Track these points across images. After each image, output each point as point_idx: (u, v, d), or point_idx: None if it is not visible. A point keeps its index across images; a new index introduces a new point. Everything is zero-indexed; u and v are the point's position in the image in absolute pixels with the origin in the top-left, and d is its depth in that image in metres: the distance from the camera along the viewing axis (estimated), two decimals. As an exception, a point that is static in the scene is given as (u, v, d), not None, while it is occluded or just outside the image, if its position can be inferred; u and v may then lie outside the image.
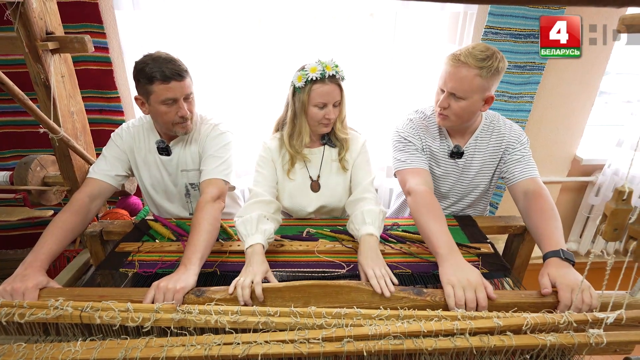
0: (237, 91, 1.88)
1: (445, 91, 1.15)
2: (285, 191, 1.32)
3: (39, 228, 1.96)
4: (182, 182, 1.36)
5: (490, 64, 1.07)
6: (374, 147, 1.52)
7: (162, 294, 0.85)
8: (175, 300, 0.84)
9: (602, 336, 0.73)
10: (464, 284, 0.84)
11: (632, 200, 0.64)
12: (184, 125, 1.22)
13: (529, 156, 1.25)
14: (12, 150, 1.86)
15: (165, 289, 0.85)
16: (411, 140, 1.28)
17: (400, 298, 0.86)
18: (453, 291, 0.83)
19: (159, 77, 1.11)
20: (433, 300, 0.86)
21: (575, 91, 1.96)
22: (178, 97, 1.15)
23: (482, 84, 1.10)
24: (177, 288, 0.85)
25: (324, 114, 1.20)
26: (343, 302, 0.86)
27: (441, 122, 1.23)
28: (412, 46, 1.81)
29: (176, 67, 1.13)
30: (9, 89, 1.14)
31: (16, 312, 0.77)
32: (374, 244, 1.03)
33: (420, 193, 1.13)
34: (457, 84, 1.11)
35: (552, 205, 1.09)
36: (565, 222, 2.39)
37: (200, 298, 0.87)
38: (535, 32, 1.72)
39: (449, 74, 1.13)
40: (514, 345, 0.73)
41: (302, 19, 1.76)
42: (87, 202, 1.18)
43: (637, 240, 0.64)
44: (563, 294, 0.83)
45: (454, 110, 1.16)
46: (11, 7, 1.14)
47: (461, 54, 1.09)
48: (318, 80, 1.16)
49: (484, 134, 1.28)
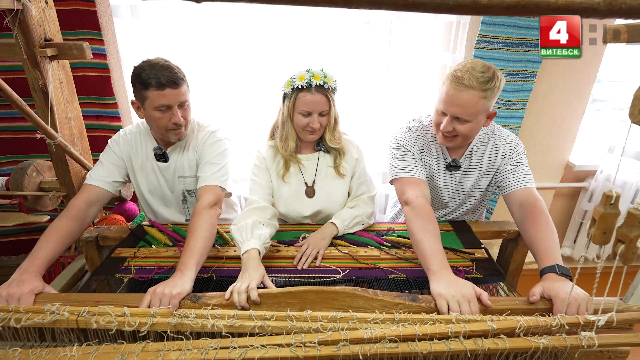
0: (234, 98, 1.90)
1: (448, 115, 1.10)
2: (281, 197, 1.34)
3: (34, 234, 1.94)
4: (179, 188, 1.36)
5: (493, 85, 1.05)
6: (369, 153, 1.53)
7: (158, 300, 0.85)
8: (172, 305, 0.84)
9: (593, 338, 0.74)
10: (458, 297, 0.84)
11: (621, 205, 0.66)
12: (178, 132, 1.23)
13: (525, 165, 1.23)
14: (9, 156, 1.86)
15: (162, 294, 0.86)
16: (410, 149, 1.25)
17: (396, 304, 0.86)
18: (447, 305, 0.84)
19: (153, 84, 1.12)
20: (428, 306, 0.87)
21: (567, 98, 2.00)
22: (172, 104, 1.16)
23: (486, 104, 1.08)
24: (174, 294, 0.86)
25: (308, 122, 1.22)
26: (338, 308, 0.87)
27: (446, 143, 1.19)
28: (407, 54, 1.83)
29: (172, 74, 1.13)
30: (7, 94, 1.15)
31: (12, 317, 0.77)
32: (328, 230, 1.24)
33: (418, 206, 1.11)
34: (462, 109, 1.07)
35: (547, 217, 1.08)
36: (559, 228, 2.41)
37: (196, 304, 0.87)
38: (527, 41, 1.76)
39: (451, 97, 1.07)
40: (507, 348, 0.74)
41: (299, 27, 1.78)
42: (84, 208, 1.19)
43: (625, 244, 0.66)
44: (557, 306, 0.83)
45: (461, 132, 1.12)
46: (10, 14, 1.15)
47: (464, 77, 1.04)
48: (304, 89, 1.19)
49: (480, 145, 1.27)
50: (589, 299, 0.83)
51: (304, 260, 1.13)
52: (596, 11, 0.54)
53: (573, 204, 2.34)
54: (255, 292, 0.88)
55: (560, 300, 0.83)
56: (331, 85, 1.20)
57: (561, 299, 0.83)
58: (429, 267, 0.95)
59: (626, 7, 0.52)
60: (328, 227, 1.26)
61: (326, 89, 1.20)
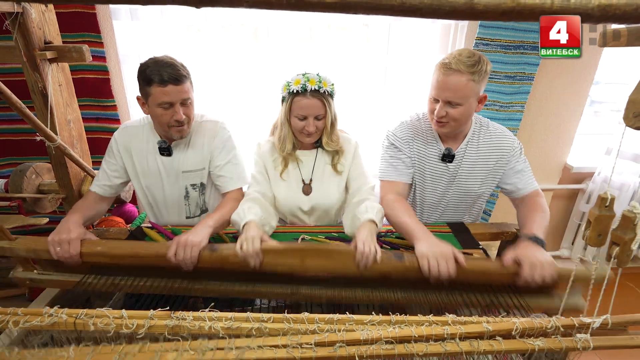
0: (234, 99, 1.91)
1: (440, 100, 1.17)
2: (278, 193, 1.34)
3: (34, 236, 1.94)
4: (182, 183, 1.36)
5: (480, 68, 1.12)
6: (368, 154, 1.54)
7: (182, 248, 0.97)
8: (193, 253, 0.97)
9: (588, 340, 0.75)
10: (437, 256, 0.95)
11: (620, 207, 0.66)
12: (180, 129, 1.24)
13: (528, 166, 1.31)
14: (8, 158, 1.87)
15: (185, 242, 0.98)
16: (398, 145, 1.32)
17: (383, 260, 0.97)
18: (428, 263, 0.94)
19: (156, 80, 1.13)
20: (411, 264, 0.97)
21: (564, 100, 2.01)
22: (174, 101, 1.17)
23: (475, 87, 1.15)
24: (196, 241, 0.99)
25: (304, 125, 1.23)
26: (334, 262, 0.99)
27: (440, 129, 1.25)
28: (405, 56, 1.85)
29: (175, 71, 1.15)
30: (6, 97, 1.15)
31: (10, 320, 0.77)
32: (372, 228, 1.06)
33: (391, 200, 1.24)
34: (453, 92, 1.14)
35: (543, 208, 1.20)
36: (558, 230, 2.42)
37: (214, 253, 0.99)
38: (525, 44, 1.77)
39: (441, 82, 1.15)
40: (503, 350, 0.75)
41: (298, 29, 1.79)
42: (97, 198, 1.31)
43: (620, 246, 0.66)
44: (524, 267, 0.93)
45: (453, 117, 1.19)
46: (10, 17, 1.16)
47: (451, 63, 1.12)
48: (300, 93, 1.20)
49: (474, 138, 1.31)
50: (553, 263, 0.93)
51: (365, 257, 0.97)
52: (590, 16, 0.54)
53: (571, 206, 2.35)
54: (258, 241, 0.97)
55: (527, 264, 0.93)
56: (327, 90, 1.21)
57: (528, 263, 0.93)
58: (413, 236, 1.06)
59: (620, 13, 0.53)
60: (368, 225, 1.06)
61: (322, 94, 1.20)
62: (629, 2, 0.50)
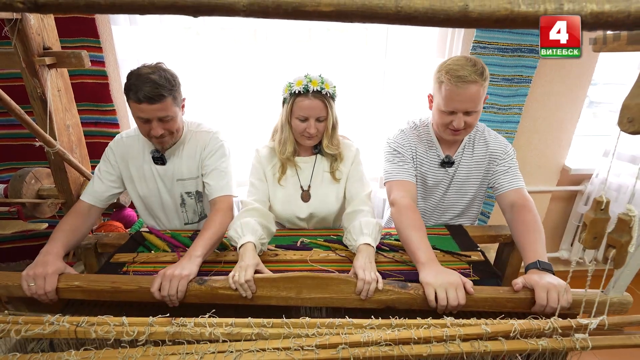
0: (233, 102, 1.91)
1: (458, 113, 1.17)
2: (276, 199, 1.34)
3: (33, 241, 1.95)
4: (178, 191, 1.37)
5: (486, 74, 1.15)
6: (367, 158, 1.55)
7: (168, 282, 0.91)
8: (180, 287, 0.91)
9: (587, 340, 0.75)
10: (446, 286, 0.90)
11: (618, 209, 0.67)
12: (160, 141, 1.24)
13: (516, 167, 1.30)
14: (7, 163, 1.87)
15: (172, 276, 0.92)
16: (401, 151, 1.32)
17: (386, 290, 0.92)
18: (434, 293, 0.89)
19: (131, 97, 1.12)
20: (416, 293, 0.92)
21: (562, 102, 2.02)
22: (150, 117, 1.16)
23: (484, 92, 1.18)
24: (183, 275, 0.92)
25: (305, 127, 1.23)
26: (332, 293, 0.94)
27: (456, 137, 1.26)
28: (403, 60, 1.85)
29: (152, 89, 1.10)
30: (5, 102, 1.16)
31: (12, 329, 0.78)
32: (370, 252, 1.05)
33: (403, 206, 1.18)
34: (472, 103, 1.15)
35: (535, 217, 1.14)
36: (556, 231, 2.42)
37: (202, 286, 0.94)
38: (522, 46, 1.78)
39: (457, 95, 1.14)
40: (504, 350, 0.75)
41: (297, 32, 1.80)
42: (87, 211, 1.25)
43: (616, 249, 0.67)
44: (538, 293, 0.88)
45: (469, 124, 1.20)
46: (9, 24, 1.16)
47: (465, 75, 1.11)
48: (301, 94, 1.20)
49: (470, 142, 1.34)
50: (567, 286, 0.86)
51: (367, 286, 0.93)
52: (583, 23, 0.55)
53: (569, 208, 2.36)
54: (251, 272, 0.93)
55: (540, 288, 0.88)
56: (329, 91, 1.21)
57: (541, 286, 0.88)
58: (417, 259, 1.01)
59: (612, 20, 0.54)
60: (365, 250, 1.05)
61: (324, 95, 1.20)
62: (621, 10, 0.51)
